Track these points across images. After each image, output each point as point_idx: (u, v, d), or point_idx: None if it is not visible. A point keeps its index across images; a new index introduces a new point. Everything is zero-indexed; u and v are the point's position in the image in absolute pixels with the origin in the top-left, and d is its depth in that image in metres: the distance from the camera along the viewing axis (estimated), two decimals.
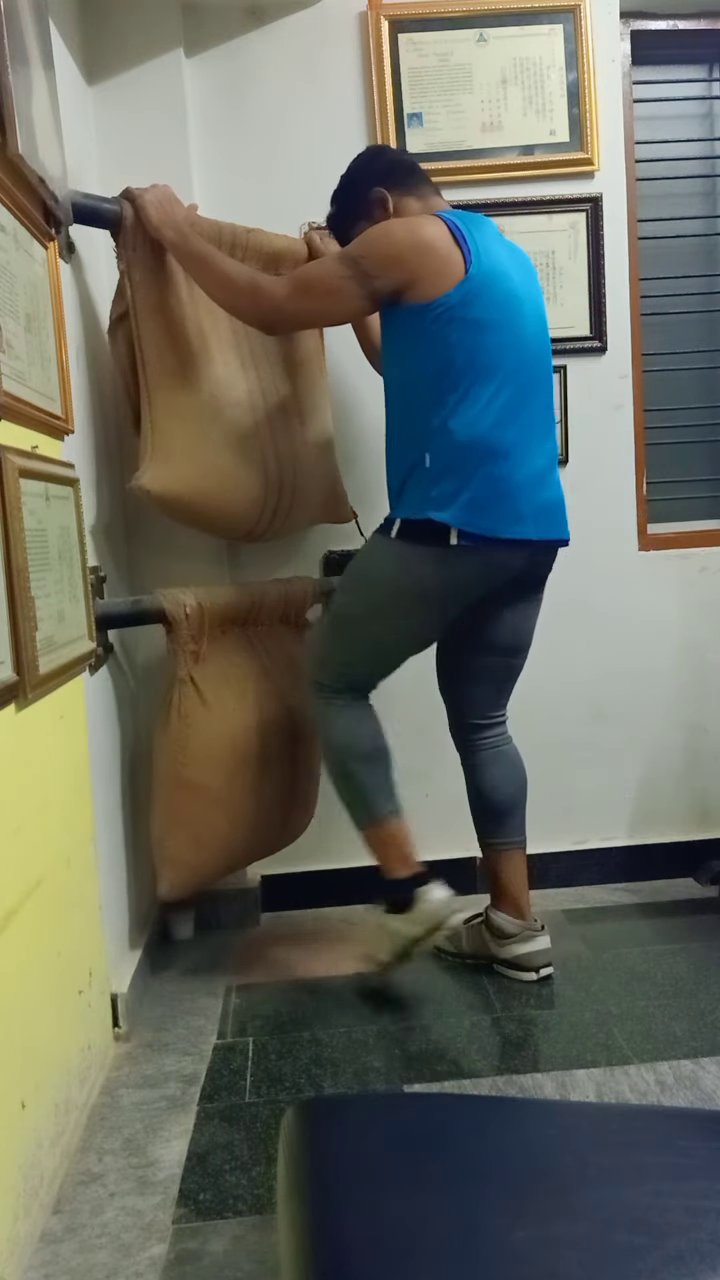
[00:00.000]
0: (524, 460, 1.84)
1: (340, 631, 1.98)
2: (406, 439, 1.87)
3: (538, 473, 1.87)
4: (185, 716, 2.00)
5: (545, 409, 1.92)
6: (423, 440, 1.82)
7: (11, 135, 1.41)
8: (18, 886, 1.36)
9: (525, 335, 1.85)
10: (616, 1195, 0.86)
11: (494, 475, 1.80)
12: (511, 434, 1.82)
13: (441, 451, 1.80)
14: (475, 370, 1.79)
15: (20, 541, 1.37)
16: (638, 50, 2.46)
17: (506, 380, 1.81)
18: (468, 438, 1.79)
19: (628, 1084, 1.65)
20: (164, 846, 2.02)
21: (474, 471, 1.79)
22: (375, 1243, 0.83)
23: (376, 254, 1.79)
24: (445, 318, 1.77)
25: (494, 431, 1.80)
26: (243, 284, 1.89)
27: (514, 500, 1.83)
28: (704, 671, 2.53)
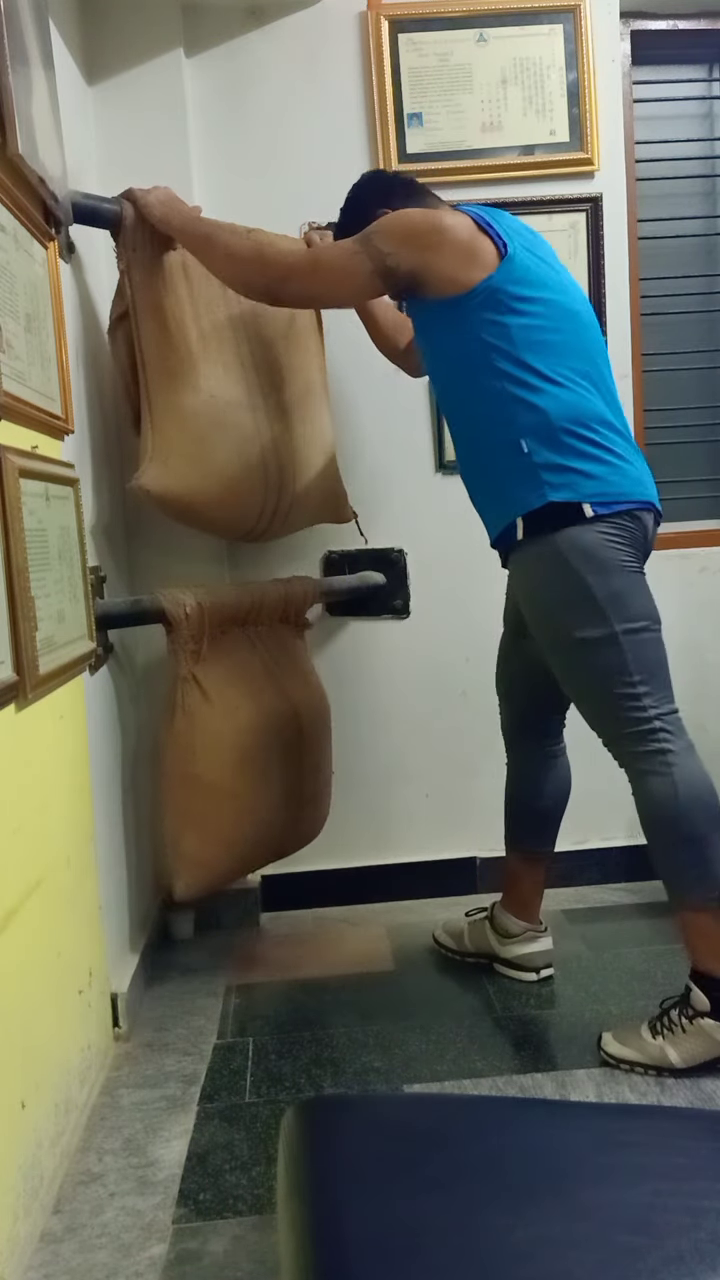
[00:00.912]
0: (615, 427, 1.75)
1: (601, 669, 1.69)
2: (490, 436, 1.74)
3: (628, 439, 1.78)
4: (189, 713, 1.99)
5: (610, 379, 1.82)
6: (512, 430, 1.70)
7: (11, 135, 1.41)
8: (18, 886, 1.36)
9: (575, 307, 1.78)
10: (616, 1195, 0.86)
11: (595, 445, 1.70)
12: (594, 401, 1.73)
13: (536, 433, 1.69)
14: (541, 346, 1.70)
15: (20, 541, 1.37)
16: (638, 50, 2.46)
17: (575, 351, 1.73)
18: (560, 412, 1.69)
19: (628, 1084, 1.65)
20: (178, 847, 2.01)
21: (578, 444, 1.69)
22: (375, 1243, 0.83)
23: (389, 229, 1.72)
24: (491, 302, 1.69)
25: (583, 402, 1.71)
26: (249, 254, 1.83)
27: (625, 466, 1.73)
28: (704, 671, 2.53)
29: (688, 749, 1.70)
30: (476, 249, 1.70)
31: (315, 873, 2.46)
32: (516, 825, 2.07)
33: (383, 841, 2.50)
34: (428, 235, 1.70)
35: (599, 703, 1.73)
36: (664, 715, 1.70)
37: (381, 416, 2.41)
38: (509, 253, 1.70)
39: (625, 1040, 1.70)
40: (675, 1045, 1.66)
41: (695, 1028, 1.66)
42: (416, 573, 2.44)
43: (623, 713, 1.69)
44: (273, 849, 2.23)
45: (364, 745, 2.47)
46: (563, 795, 2.04)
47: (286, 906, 2.45)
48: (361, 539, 2.40)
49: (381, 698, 2.47)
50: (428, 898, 2.46)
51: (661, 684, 1.71)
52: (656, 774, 1.68)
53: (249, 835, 2.10)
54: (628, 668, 1.68)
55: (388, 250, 1.71)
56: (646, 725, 1.69)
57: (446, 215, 1.74)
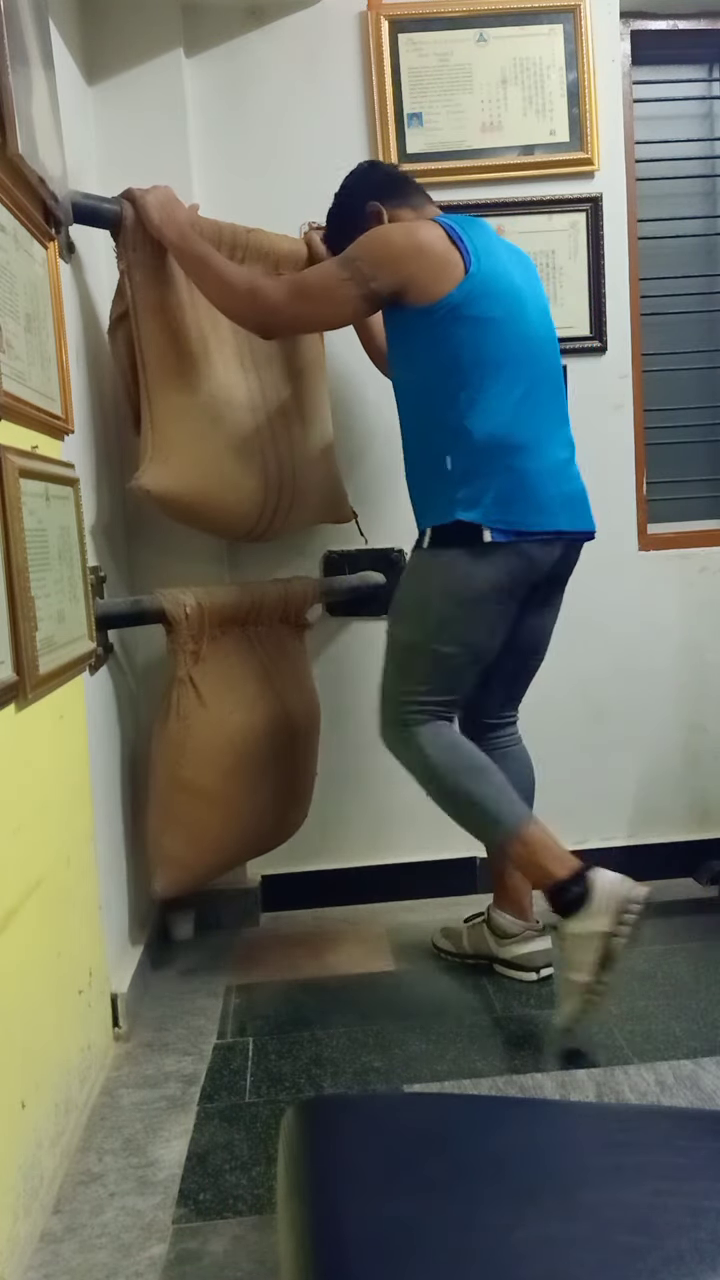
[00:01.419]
0: (544, 452, 1.81)
1: (405, 662, 1.89)
2: (424, 445, 1.85)
3: (559, 464, 1.84)
4: (184, 717, 2.00)
5: (558, 401, 1.89)
6: (440, 444, 1.80)
7: (11, 135, 1.41)
8: (18, 886, 1.36)
9: (531, 330, 1.84)
10: (617, 1195, 0.86)
11: (516, 470, 1.78)
12: (528, 427, 1.80)
13: (460, 452, 1.78)
14: (484, 367, 1.77)
15: (20, 541, 1.37)
16: (638, 50, 2.46)
17: (517, 375, 1.80)
18: (485, 435, 1.77)
19: (628, 1084, 1.65)
20: (160, 845, 2.02)
21: (495, 468, 1.77)
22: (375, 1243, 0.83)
23: (373, 255, 1.79)
24: (450, 317, 1.76)
25: (511, 426, 1.78)
26: (240, 288, 1.88)
27: (538, 493, 1.80)
28: (704, 671, 2.53)
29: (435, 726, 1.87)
30: (448, 263, 1.77)
31: (315, 873, 2.46)
32: None
33: (383, 841, 2.50)
34: (408, 253, 1.78)
35: (389, 688, 1.91)
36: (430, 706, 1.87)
37: (381, 416, 2.41)
38: (471, 270, 1.76)
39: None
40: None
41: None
42: None
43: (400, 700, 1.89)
44: (255, 848, 2.25)
45: (364, 745, 2.46)
46: (526, 784, 2.06)
47: (286, 906, 2.45)
48: (361, 539, 2.40)
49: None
50: (428, 898, 2.46)
51: (447, 695, 1.89)
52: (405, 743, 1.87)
53: (232, 838, 2.11)
54: (427, 678, 1.87)
55: (371, 275, 1.79)
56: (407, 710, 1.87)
57: (423, 230, 1.80)
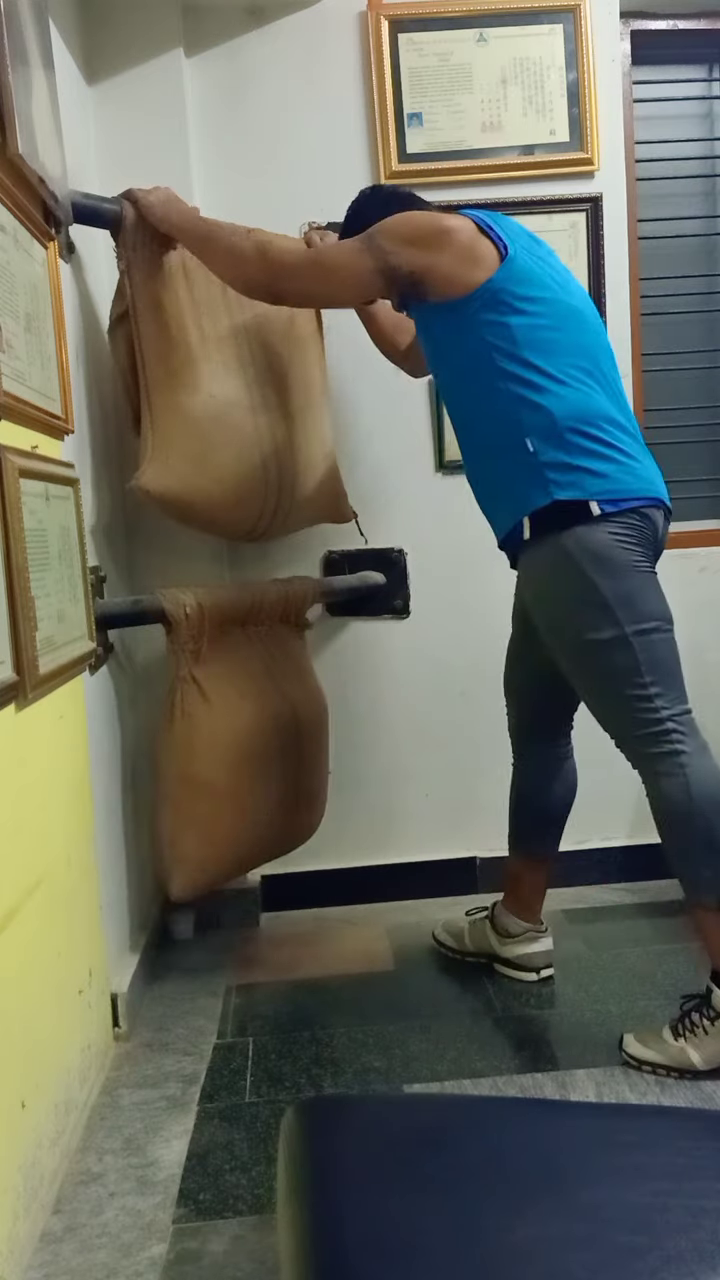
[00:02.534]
0: (622, 425, 1.74)
1: (612, 669, 1.68)
2: (496, 436, 1.74)
3: (634, 438, 1.77)
4: (188, 714, 1.99)
5: (616, 378, 1.81)
6: (516, 430, 1.70)
7: (11, 135, 1.41)
8: (18, 886, 1.36)
9: (580, 305, 1.78)
10: (617, 1195, 0.86)
11: (605, 441, 1.69)
12: (603, 399, 1.72)
13: (543, 433, 1.68)
14: (542, 345, 1.69)
15: (20, 541, 1.37)
16: (638, 50, 2.46)
17: (578, 350, 1.72)
18: (565, 411, 1.68)
19: (628, 1084, 1.65)
20: (175, 846, 2.01)
21: (584, 442, 1.68)
22: (375, 1243, 0.83)
23: (393, 229, 1.72)
24: (494, 302, 1.69)
25: (587, 400, 1.70)
26: (251, 252, 1.82)
27: (632, 462, 1.72)
28: (704, 671, 2.52)
29: (701, 749, 1.69)
30: (478, 251, 1.70)
31: (315, 873, 2.46)
32: (521, 828, 2.06)
33: (383, 841, 2.50)
34: (431, 236, 1.70)
35: (611, 704, 1.71)
36: (676, 716, 1.68)
37: (382, 416, 2.41)
38: (509, 254, 1.70)
39: (647, 1042, 1.70)
40: (697, 1047, 1.65)
41: (717, 1029, 1.65)
42: (416, 573, 2.44)
43: (635, 714, 1.68)
44: (269, 849, 2.23)
45: (364, 745, 2.47)
46: (569, 798, 2.03)
47: (286, 906, 2.45)
48: (361, 539, 2.40)
49: (381, 698, 2.47)
50: (428, 898, 2.46)
51: (674, 684, 1.70)
52: (670, 775, 1.67)
53: (246, 836, 2.10)
54: (639, 669, 1.67)
55: (390, 249, 1.71)
56: (659, 726, 1.67)
57: (449, 217, 1.74)
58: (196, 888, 2.05)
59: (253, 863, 2.25)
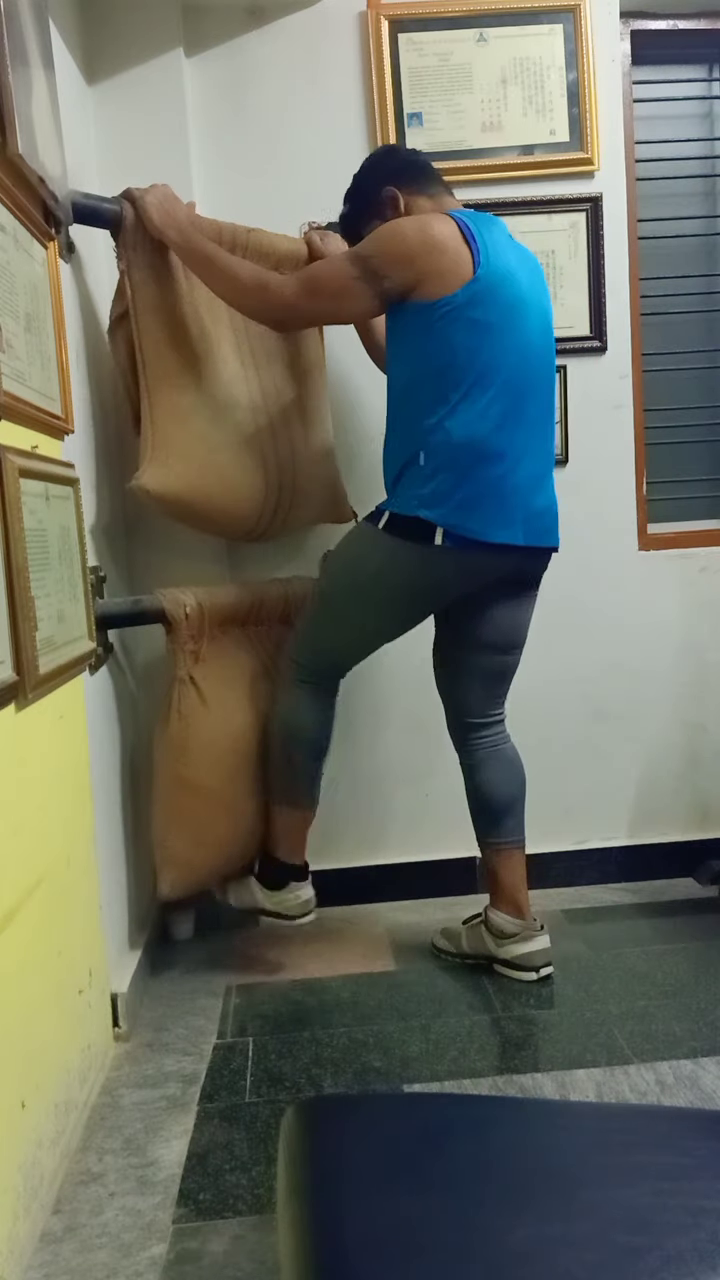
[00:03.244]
0: (519, 464, 1.84)
1: (321, 612, 2.01)
2: (404, 435, 1.87)
3: (533, 478, 1.87)
4: (185, 716, 2.00)
5: (545, 414, 1.91)
6: (419, 437, 1.82)
7: (11, 135, 1.41)
8: (18, 886, 1.36)
9: (529, 339, 1.85)
10: (616, 1195, 0.86)
11: (487, 478, 1.80)
12: (509, 438, 1.82)
13: (437, 450, 1.80)
14: (476, 372, 1.79)
15: (20, 541, 1.37)
16: (638, 50, 2.46)
17: (507, 384, 1.81)
18: (464, 438, 1.79)
19: (628, 1084, 1.65)
20: (164, 846, 2.02)
21: (468, 472, 1.79)
22: (375, 1243, 0.83)
23: (386, 252, 1.79)
24: (450, 317, 1.77)
25: (492, 434, 1.80)
26: (250, 283, 1.88)
27: (506, 504, 1.83)
28: (704, 671, 2.53)
29: (318, 694, 2.02)
30: (457, 263, 1.77)
31: (315, 872, 2.45)
32: (480, 821, 2.09)
33: (383, 841, 2.50)
34: (420, 250, 1.77)
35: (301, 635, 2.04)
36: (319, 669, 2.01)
37: (381, 416, 2.40)
38: (479, 272, 1.77)
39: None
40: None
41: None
42: None
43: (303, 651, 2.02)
44: (258, 848, 2.23)
45: (364, 745, 2.47)
46: (517, 783, 2.07)
47: None
48: None
49: (381, 698, 2.47)
50: (428, 898, 2.46)
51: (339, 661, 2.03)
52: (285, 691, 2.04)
53: (236, 837, 2.11)
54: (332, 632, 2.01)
55: (385, 274, 1.79)
56: (306, 660, 2.01)
57: (437, 225, 1.80)
58: (185, 887, 2.06)
59: (242, 862, 2.25)
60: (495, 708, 2.09)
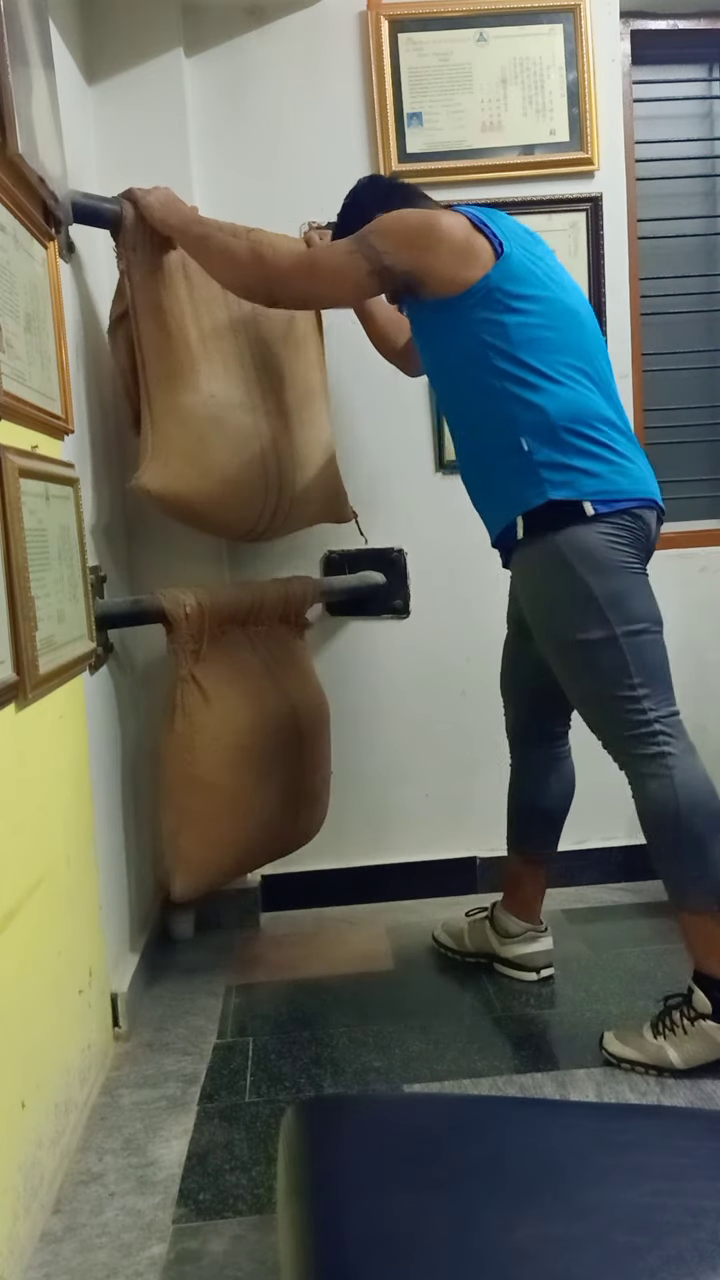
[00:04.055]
0: (616, 425, 1.74)
1: (601, 669, 1.68)
2: (490, 435, 1.74)
3: (630, 437, 1.77)
4: (189, 714, 1.99)
5: (610, 378, 1.82)
6: (510, 429, 1.70)
7: (11, 135, 1.41)
8: (18, 886, 1.36)
9: (575, 304, 1.78)
10: (616, 1195, 0.86)
11: (600, 441, 1.69)
12: (598, 399, 1.73)
13: (537, 432, 1.68)
14: (537, 345, 1.69)
15: (20, 541, 1.37)
16: (638, 50, 2.46)
17: (573, 349, 1.72)
18: (559, 410, 1.68)
19: (628, 1084, 1.65)
20: (177, 847, 2.01)
21: (579, 442, 1.68)
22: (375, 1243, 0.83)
23: (386, 230, 1.72)
24: (489, 300, 1.69)
25: (583, 400, 1.70)
26: (246, 256, 1.83)
27: (626, 463, 1.72)
28: (704, 671, 2.53)
29: (688, 751, 1.69)
30: (473, 248, 1.69)
31: (315, 873, 2.46)
32: (520, 827, 2.06)
33: (383, 841, 2.50)
34: (424, 235, 1.70)
35: (599, 704, 1.72)
36: (664, 718, 1.69)
37: (381, 416, 2.41)
38: (505, 251, 1.70)
39: (626, 1040, 1.70)
40: (676, 1046, 1.66)
41: (697, 1029, 1.66)
42: (416, 573, 2.44)
43: (623, 714, 1.68)
44: (272, 849, 2.23)
45: (364, 745, 2.47)
46: (567, 797, 2.03)
47: (286, 906, 2.45)
48: (361, 539, 2.40)
49: (381, 698, 2.47)
50: (428, 898, 2.46)
51: (662, 686, 1.70)
52: (656, 777, 1.67)
53: (248, 836, 2.10)
54: (628, 669, 1.67)
55: (384, 249, 1.71)
56: (647, 728, 1.67)
57: (443, 215, 1.74)
58: (198, 888, 2.05)
59: (255, 863, 2.25)
60: (568, 717, 1.99)
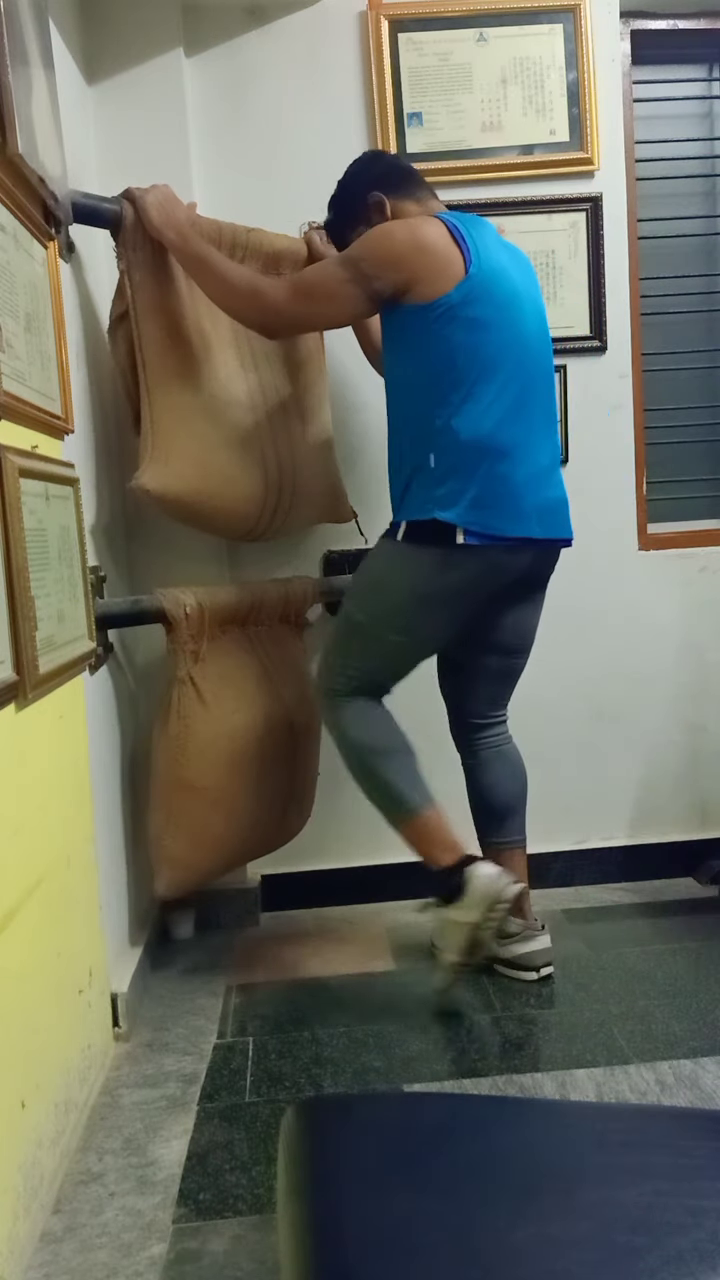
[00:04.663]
0: (527, 459, 1.84)
1: (351, 638, 1.95)
2: (410, 440, 1.87)
3: (541, 471, 1.87)
4: (184, 717, 2.00)
5: (548, 407, 1.92)
6: (426, 441, 1.82)
7: (11, 135, 1.41)
8: (18, 886, 1.36)
9: (526, 334, 1.86)
10: (616, 1195, 0.86)
11: (498, 474, 1.80)
12: (515, 433, 1.82)
13: (445, 451, 1.80)
14: (477, 369, 1.79)
15: (20, 541, 1.37)
16: (638, 50, 2.46)
17: (509, 379, 1.81)
18: (472, 437, 1.79)
19: (628, 1084, 1.65)
20: (161, 845, 2.02)
21: (478, 470, 1.79)
22: (375, 1243, 0.83)
23: (376, 255, 1.80)
24: (446, 317, 1.77)
25: (498, 430, 1.80)
26: (243, 288, 1.89)
27: (518, 499, 1.83)
28: (704, 671, 2.53)
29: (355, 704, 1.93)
30: (449, 262, 1.78)
31: (315, 873, 2.46)
32: (482, 823, 2.09)
33: (383, 841, 2.48)
34: (410, 253, 1.78)
35: (327, 658, 1.98)
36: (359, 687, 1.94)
37: (381, 416, 2.39)
38: (471, 271, 1.77)
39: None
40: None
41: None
42: None
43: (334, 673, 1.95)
44: (257, 848, 2.25)
45: None
46: (518, 783, 2.08)
47: (286, 906, 2.45)
48: (361, 539, 2.39)
49: None
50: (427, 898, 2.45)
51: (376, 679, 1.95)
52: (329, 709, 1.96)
53: (234, 837, 2.11)
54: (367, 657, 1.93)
55: (374, 274, 1.80)
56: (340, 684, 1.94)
57: (425, 227, 1.81)
58: (182, 887, 2.06)
59: (240, 862, 2.28)
60: (499, 709, 2.09)
